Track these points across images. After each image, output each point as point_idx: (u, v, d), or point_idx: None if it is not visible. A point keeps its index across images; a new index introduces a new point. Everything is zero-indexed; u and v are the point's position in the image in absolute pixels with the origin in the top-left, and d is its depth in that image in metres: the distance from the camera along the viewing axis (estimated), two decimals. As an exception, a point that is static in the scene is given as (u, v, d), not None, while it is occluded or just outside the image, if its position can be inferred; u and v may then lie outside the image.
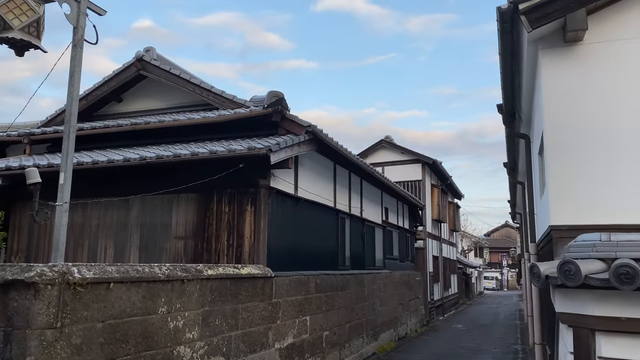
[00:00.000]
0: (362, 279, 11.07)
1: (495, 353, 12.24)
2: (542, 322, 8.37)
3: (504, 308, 29.10)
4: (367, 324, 11.28)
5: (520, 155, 11.81)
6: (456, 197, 28.13)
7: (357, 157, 10.27)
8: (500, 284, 61.23)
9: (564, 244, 5.42)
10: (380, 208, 13.81)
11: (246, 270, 6.37)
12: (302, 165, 8.71)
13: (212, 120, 8.25)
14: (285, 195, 8.03)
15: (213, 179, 7.08)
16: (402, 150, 20.47)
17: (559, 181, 5.46)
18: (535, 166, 7.84)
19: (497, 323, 20.00)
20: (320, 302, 8.62)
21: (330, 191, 10.07)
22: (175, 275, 5.03)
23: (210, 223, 7.46)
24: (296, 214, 8.44)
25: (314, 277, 8.42)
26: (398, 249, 15.37)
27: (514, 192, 18.18)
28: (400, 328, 14.29)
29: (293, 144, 7.39)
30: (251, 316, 6.41)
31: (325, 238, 9.73)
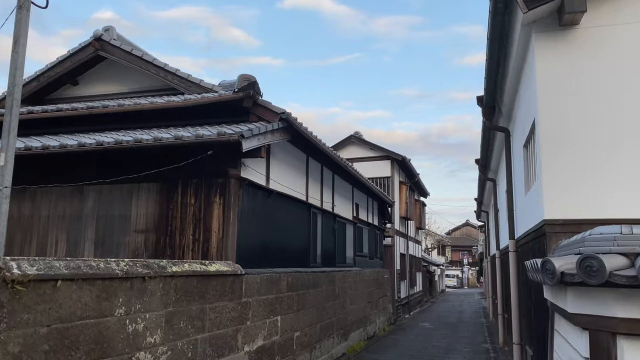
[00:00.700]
0: (334, 277, 10.63)
1: (467, 353, 12.02)
2: (520, 322, 8.11)
3: (468, 306, 29.26)
4: (338, 323, 10.85)
5: (495, 151, 11.61)
6: (422, 195, 28.09)
7: (331, 149, 9.81)
8: (461, 281, 62.19)
9: (558, 239, 5.10)
10: (351, 204, 13.40)
11: (214, 267, 5.81)
12: (274, 155, 8.18)
13: (177, 105, 7.62)
14: (257, 187, 7.48)
15: (178, 167, 6.48)
16: (371, 147, 20.15)
17: (554, 173, 5.12)
18: (518, 160, 7.56)
19: (463, 321, 19.95)
20: (291, 301, 8.12)
21: (303, 185, 9.57)
22: (135, 272, 4.44)
23: (175, 216, 6.85)
24: (268, 207, 7.90)
25: (286, 275, 7.91)
26: (368, 246, 15.01)
27: (483, 189, 18.12)
28: (369, 327, 13.93)
29: (266, 131, 6.86)
30: (219, 317, 5.85)
31: (297, 234, 9.24)
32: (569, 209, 5.04)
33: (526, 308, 7.36)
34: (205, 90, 8.11)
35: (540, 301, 5.74)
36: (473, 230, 73.26)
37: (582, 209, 5.00)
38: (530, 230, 6.41)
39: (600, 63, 5.14)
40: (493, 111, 8.67)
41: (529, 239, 6.62)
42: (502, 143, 10.48)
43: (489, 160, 12.99)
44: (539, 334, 6.16)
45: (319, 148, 9.03)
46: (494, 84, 7.62)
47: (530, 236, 6.46)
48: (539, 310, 6.02)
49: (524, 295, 7.61)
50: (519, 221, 7.94)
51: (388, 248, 18.66)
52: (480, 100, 8.63)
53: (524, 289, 7.60)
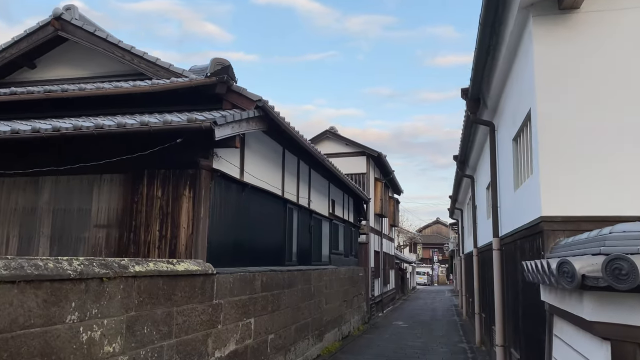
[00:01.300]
0: (310, 276, 10.18)
1: (444, 353, 11.74)
2: (504, 323, 7.82)
3: (440, 304, 29.23)
4: (313, 324, 10.41)
5: (476, 147, 11.34)
6: (396, 193, 27.89)
7: (309, 142, 9.34)
8: (431, 279, 62.60)
9: (556, 237, 4.76)
10: (327, 200, 12.97)
11: (183, 266, 5.28)
12: (248, 146, 7.67)
13: (143, 90, 7.02)
14: (230, 179, 6.96)
15: (144, 157, 5.92)
16: (346, 142, 19.76)
17: (553, 166, 4.78)
18: (505, 155, 7.25)
19: (436, 319, 19.77)
20: (266, 302, 7.63)
21: (278, 179, 9.08)
22: (92, 273, 3.89)
23: (139, 210, 6.27)
24: (241, 201, 7.39)
25: (261, 274, 7.42)
26: (343, 243, 14.62)
27: (459, 187, 17.95)
28: (344, 327, 13.54)
29: (241, 119, 6.35)
30: (188, 321, 5.33)
31: (273, 230, 8.75)
32: (569, 205, 4.71)
33: (512, 309, 7.06)
34: (175, 76, 7.53)
35: (534, 303, 5.41)
36: (443, 228, 73.95)
37: (583, 205, 4.67)
38: (519, 228, 6.08)
39: (602, 48, 4.82)
40: (478, 104, 8.35)
41: (518, 237, 6.30)
42: (484, 138, 10.21)
43: (468, 157, 12.73)
44: (529, 337, 5.85)
45: (296, 140, 8.55)
46: (481, 75, 7.28)
47: (519, 234, 6.13)
48: (530, 313, 5.70)
49: (509, 296, 7.31)
50: (505, 219, 7.63)
51: (363, 245, 18.31)
52: (465, 92, 8.30)
53: (509, 289, 7.30)
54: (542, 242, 4.80)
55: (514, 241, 6.75)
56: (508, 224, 7.27)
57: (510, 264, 7.23)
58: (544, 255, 4.72)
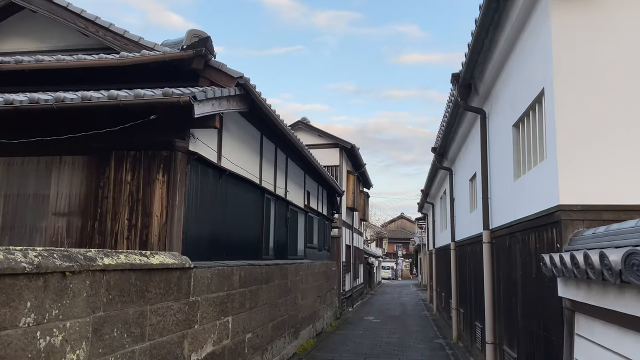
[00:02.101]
0: (286, 270, 9.63)
1: (422, 349, 11.41)
2: (494, 320, 7.47)
3: (407, 298, 29.17)
4: (290, 321, 9.87)
5: (458, 138, 11.01)
6: (366, 187, 27.58)
7: (289, 128, 8.77)
8: (395, 273, 62.93)
9: (575, 228, 4.36)
10: (302, 191, 12.42)
11: (158, 259, 4.65)
12: (227, 129, 7.04)
13: (110, 63, 6.30)
14: (207, 164, 6.33)
15: (111, 136, 5.24)
16: (319, 133, 19.23)
17: (572, 151, 4.38)
18: (503, 143, 6.88)
19: (407, 314, 19.54)
20: (244, 298, 7.04)
21: (256, 167, 8.47)
22: (52, 266, 3.24)
23: (106, 196, 5.58)
24: (219, 189, 6.77)
25: (239, 268, 6.82)
26: (317, 237, 14.11)
27: (432, 180, 17.69)
28: (317, 323, 13.06)
29: (222, 97, 5.73)
30: (163, 321, 4.70)
31: (250, 221, 8.15)
32: (588, 193, 4.32)
33: (507, 305, 6.70)
34: (146, 50, 6.81)
35: (541, 300, 5.02)
36: (407, 223, 74.56)
37: (605, 193, 4.29)
38: (522, 219, 5.70)
39: (627, 23, 4.44)
40: (469, 90, 7.97)
41: (518, 228, 5.92)
42: (469, 128, 9.87)
43: (448, 149, 12.42)
44: (532, 335, 5.47)
45: (276, 124, 7.97)
46: (476, 59, 6.88)
47: (521, 225, 5.75)
48: (535, 310, 5.32)
49: (503, 291, 6.96)
50: (498, 210, 7.27)
51: (335, 239, 17.87)
52: (455, 78, 7.89)
53: (503, 284, 6.95)
54: (559, 233, 4.40)
55: (511, 233, 6.38)
56: (502, 215, 6.91)
57: (504, 257, 6.87)
58: (561, 248, 4.33)
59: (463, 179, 11.24)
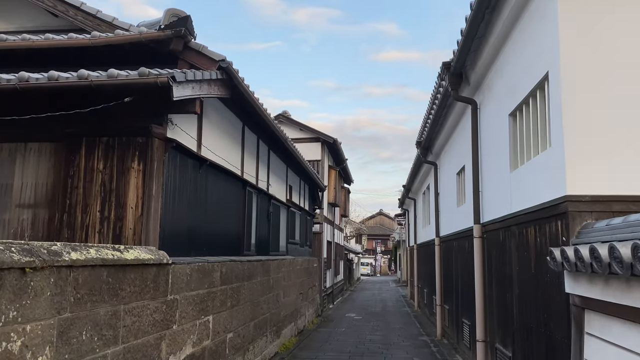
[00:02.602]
0: (269, 267, 9.25)
1: (407, 347, 11.16)
2: (485, 317, 7.24)
3: (387, 294, 29.04)
4: (271, 319, 9.50)
5: (444, 131, 10.76)
6: (347, 182, 27.32)
7: (272, 118, 8.39)
8: (374, 269, 63.08)
9: (583, 220, 4.09)
10: (285, 185, 12.05)
11: (132, 254, 4.24)
12: (207, 117, 6.63)
13: (81, 43, 5.83)
14: (186, 152, 5.92)
15: (82, 120, 4.81)
16: (301, 127, 18.86)
17: (581, 138, 4.11)
18: (497, 134, 6.62)
19: (388, 311, 19.34)
20: (225, 296, 6.65)
21: (238, 158, 8.07)
22: (8, 261, 2.82)
23: (76, 186, 5.13)
24: (199, 179, 6.36)
25: (220, 264, 6.43)
26: (299, 232, 13.76)
27: (415, 175, 17.48)
28: (299, 320, 12.71)
29: (203, 80, 5.33)
30: (138, 322, 4.30)
31: (232, 215, 7.75)
32: (598, 183, 4.06)
33: (500, 302, 6.46)
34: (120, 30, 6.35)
35: (542, 297, 4.77)
36: (386, 220, 74.76)
37: (615, 183, 4.03)
38: (520, 212, 5.44)
39: (637, 4, 4.19)
40: (460, 80, 7.69)
41: (515, 222, 5.66)
42: (457, 120, 9.62)
43: (433, 143, 12.18)
44: (531, 333, 5.22)
45: (258, 113, 7.58)
46: (470, 46, 6.60)
47: (519, 218, 5.49)
48: (533, 306, 5.07)
49: (495, 287, 6.71)
50: (490, 204, 7.02)
51: (317, 235, 17.54)
52: (446, 66, 7.61)
53: (496, 280, 6.70)
54: (565, 225, 4.14)
55: (505, 227, 6.12)
56: (495, 209, 6.66)
57: (497, 252, 6.63)
58: (568, 241, 4.06)
59: (449, 173, 11.01)
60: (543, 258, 4.76)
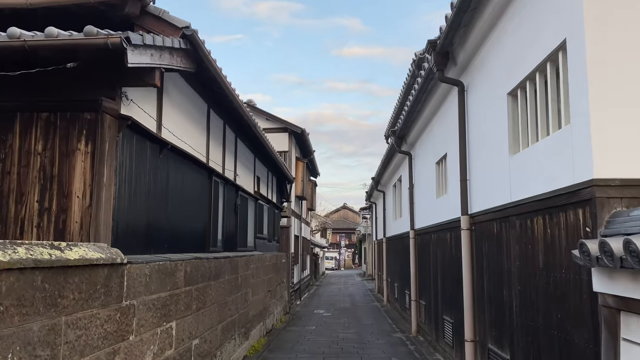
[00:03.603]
0: (237, 264, 8.49)
1: (382, 345, 10.61)
2: (474, 315, 6.72)
3: (354, 288, 28.64)
4: (240, 320, 8.76)
5: (422, 117, 10.22)
6: (313, 175, 26.68)
7: (240, 100, 7.61)
8: (338, 263, 62.96)
9: (612, 207, 3.55)
10: (252, 176, 11.28)
11: (77, 252, 3.44)
12: (168, 95, 5.82)
13: (16, 4, 4.92)
14: (145, 133, 5.11)
15: (17, 90, 3.94)
16: (267, 117, 18.03)
17: (608, 113, 3.57)
18: (482, 118, 6.08)
19: (358, 306, 18.85)
20: (190, 298, 5.89)
21: (203, 144, 7.27)
22: None
23: (8, 171, 4.27)
24: (159, 165, 5.56)
25: (184, 263, 5.65)
26: (267, 226, 13.01)
27: (386, 167, 16.98)
28: (268, 320, 12.00)
29: (164, 47, 4.53)
30: (85, 336, 3.51)
31: (197, 207, 6.96)
32: (627, 165, 3.53)
33: (496, 299, 5.93)
34: (65, -7, 5.46)
35: (553, 294, 4.23)
36: (350, 214, 74.72)
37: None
38: (522, 201, 4.89)
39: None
40: (446, 60, 7.12)
41: (515, 212, 5.12)
42: (436, 106, 9.08)
43: (408, 131, 11.64)
44: (535, 334, 4.69)
45: (226, 92, 6.81)
46: (460, 20, 6.02)
47: (520, 208, 4.95)
48: (542, 306, 4.53)
49: (489, 283, 6.19)
50: (481, 193, 6.49)
51: (284, 229, 16.81)
52: (432, 45, 7.02)
53: (490, 275, 6.17)
54: (591, 214, 3.58)
55: (502, 218, 5.58)
56: (488, 198, 6.13)
57: (490, 245, 6.10)
58: (594, 232, 3.51)
59: (426, 162, 10.49)
60: (555, 251, 4.22)
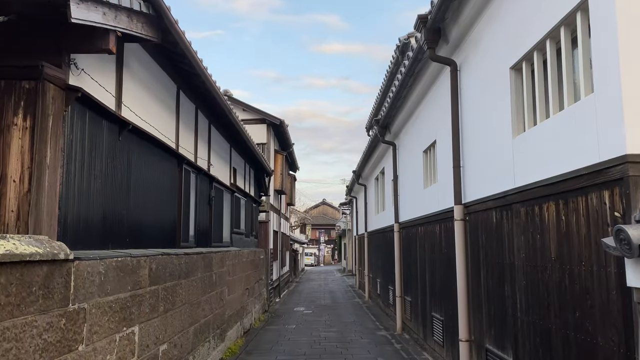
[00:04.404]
0: (211, 260, 7.84)
1: (366, 344, 10.08)
2: (469, 313, 6.21)
3: (334, 285, 28.17)
4: (215, 321, 8.11)
5: (409, 103, 9.68)
6: (292, 169, 26.03)
7: (215, 81, 6.95)
8: (317, 259, 62.68)
9: (649, 187, 3.03)
10: (228, 167, 10.61)
11: (6, 246, 2.78)
12: (130, 70, 5.14)
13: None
14: (100, 110, 4.43)
15: None
16: (244, 107, 17.33)
17: None
18: (479, 98, 5.55)
19: (339, 303, 18.32)
20: (156, 299, 5.23)
21: (172, 128, 6.60)
22: None
23: None
24: (120, 148, 4.88)
25: (149, 259, 4.99)
26: (245, 221, 12.35)
27: (368, 159, 16.44)
28: (245, 319, 11.36)
29: (119, 6, 3.86)
30: (15, 349, 2.84)
31: (165, 198, 6.29)
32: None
33: (496, 295, 5.42)
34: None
35: (569, 289, 3.71)
36: (329, 209, 74.41)
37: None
38: (529, 186, 4.37)
39: None
40: (437, 37, 6.58)
41: (520, 198, 4.60)
42: (424, 91, 8.55)
43: (393, 120, 11.09)
44: (546, 335, 4.17)
45: (197, 71, 6.15)
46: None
47: (527, 194, 4.42)
48: (554, 302, 4.01)
49: (487, 279, 5.67)
50: (476, 180, 5.97)
51: (263, 224, 16.17)
52: (422, 20, 6.47)
53: (487, 269, 5.66)
54: (622, 196, 3.06)
55: (504, 206, 5.06)
56: (484, 185, 5.61)
57: (488, 237, 5.58)
58: (628, 218, 2.99)
59: (412, 152, 9.97)
60: (572, 241, 3.70)
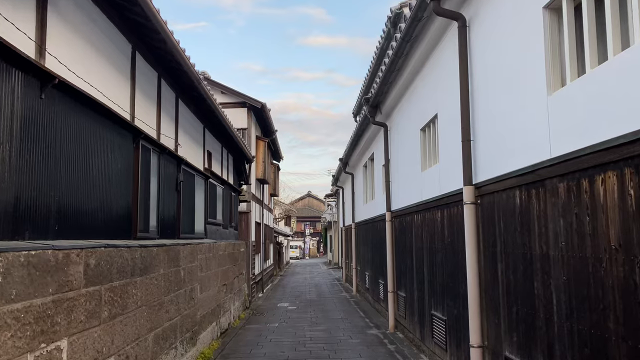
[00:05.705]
0: (177, 254, 6.75)
1: (357, 345, 9.08)
2: (481, 315, 5.21)
3: (320, 278, 27.23)
4: (183, 323, 7.04)
5: (401, 80, 8.64)
6: (276, 159, 24.89)
7: (178, 41, 5.82)
8: (302, 252, 61.95)
9: None
10: (202, 150, 9.48)
11: None
12: (60, 11, 4.01)
13: None
14: (8, 54, 3.31)
15: None
16: (223, 90, 16.16)
17: None
18: (492, 55, 4.53)
19: (325, 297, 17.33)
20: (96, 303, 4.14)
21: (126, 96, 5.47)
22: None
23: None
24: (41, 110, 3.75)
25: (84, 252, 3.89)
26: (222, 211, 11.24)
27: (355, 145, 15.41)
28: (223, 318, 10.29)
29: None
30: None
31: (115, 179, 5.16)
32: None
33: (518, 295, 4.42)
34: None
35: None
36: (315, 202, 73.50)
37: None
38: (570, 155, 3.36)
39: None
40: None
41: (560, 171, 3.59)
42: (422, 60, 7.52)
43: (385, 97, 10.05)
44: (602, 347, 3.18)
45: (156, 27, 5.02)
46: None
47: (567, 165, 3.41)
48: (622, 306, 3.02)
49: (507, 273, 4.67)
50: (492, 156, 4.96)
51: (244, 215, 15.07)
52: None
53: (506, 263, 4.66)
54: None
55: (532, 183, 4.06)
56: (506, 159, 4.61)
57: (510, 222, 4.58)
58: None
59: (408, 131, 8.95)
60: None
